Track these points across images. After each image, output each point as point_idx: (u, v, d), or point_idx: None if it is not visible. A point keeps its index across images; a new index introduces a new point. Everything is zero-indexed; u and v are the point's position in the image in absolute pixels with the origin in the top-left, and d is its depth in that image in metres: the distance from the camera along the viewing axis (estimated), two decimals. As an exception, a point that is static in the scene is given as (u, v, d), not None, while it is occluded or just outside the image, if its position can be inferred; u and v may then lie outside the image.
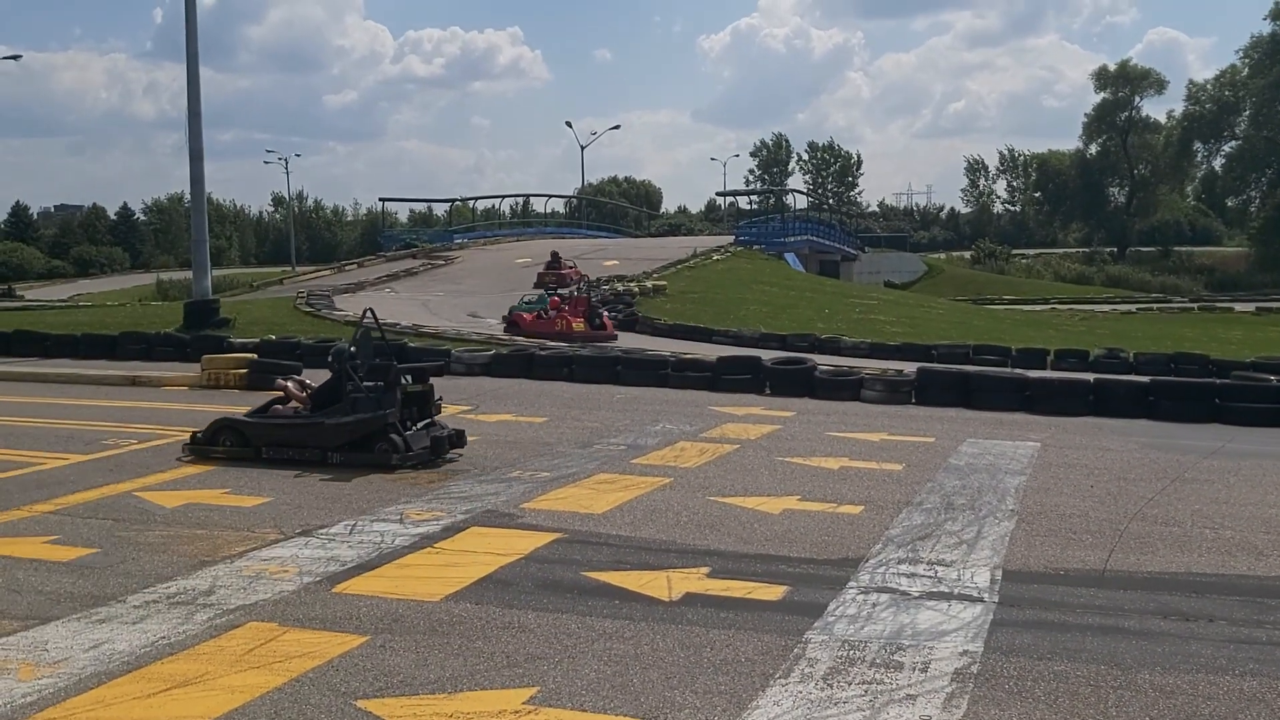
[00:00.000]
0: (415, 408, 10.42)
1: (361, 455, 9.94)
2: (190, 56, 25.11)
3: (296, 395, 10.66)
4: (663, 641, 5.39)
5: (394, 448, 9.88)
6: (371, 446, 9.94)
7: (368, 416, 9.96)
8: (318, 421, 10.19)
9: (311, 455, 10.04)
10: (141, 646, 5.28)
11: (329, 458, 10.00)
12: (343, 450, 10.01)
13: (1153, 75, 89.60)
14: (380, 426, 9.95)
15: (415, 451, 9.93)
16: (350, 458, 9.96)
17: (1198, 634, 5.59)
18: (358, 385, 10.03)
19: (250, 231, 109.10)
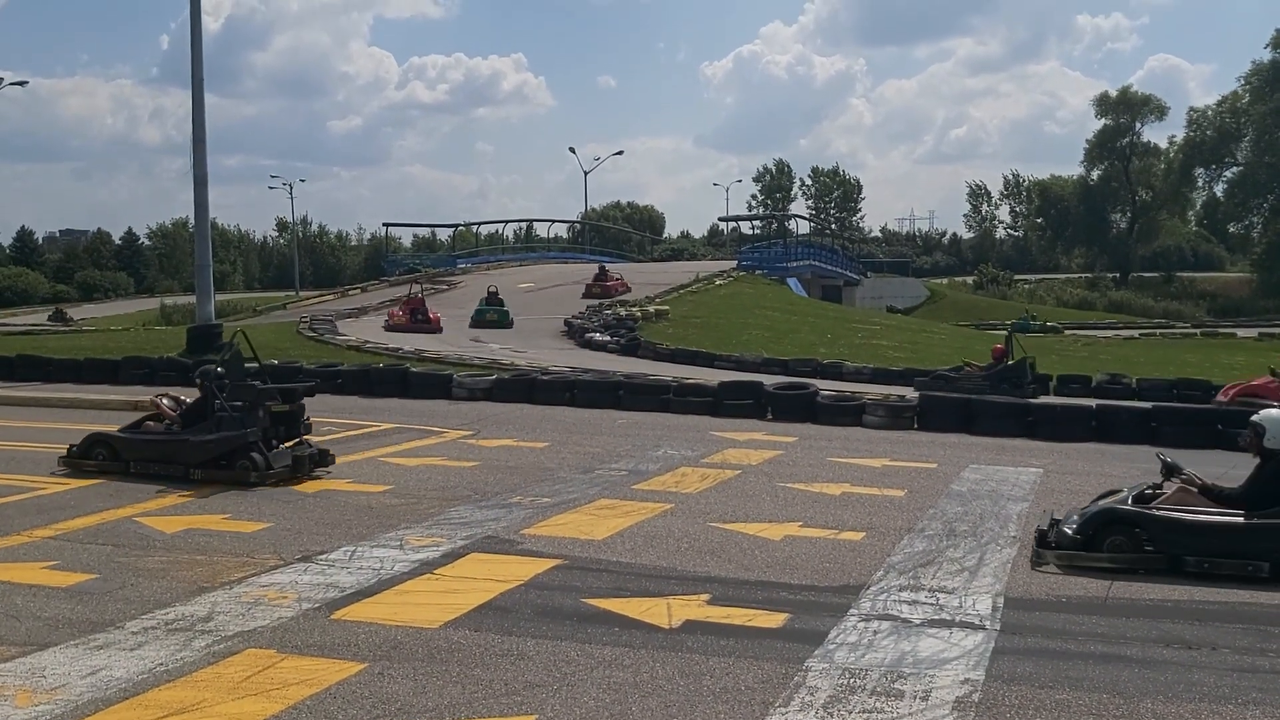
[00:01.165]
0: (283, 427, 10.77)
1: (223, 472, 10.24)
2: (196, 82, 25.24)
3: (168, 412, 10.93)
4: (662, 669, 5.36)
5: (254, 465, 10.18)
6: (234, 464, 10.23)
7: (230, 435, 10.25)
8: (183, 439, 10.50)
9: (176, 471, 10.32)
10: (139, 673, 5.26)
11: (191, 474, 10.29)
12: (206, 467, 10.29)
13: (1153, 101, 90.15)
14: (242, 445, 10.23)
15: (276, 470, 10.25)
16: (212, 474, 10.25)
17: (1201, 662, 5.56)
18: (223, 404, 10.34)
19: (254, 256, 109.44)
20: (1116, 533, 7.41)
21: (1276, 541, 7.14)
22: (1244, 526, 7.21)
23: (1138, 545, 7.35)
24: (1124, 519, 7.46)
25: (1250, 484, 7.52)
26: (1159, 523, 7.35)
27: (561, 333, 29.62)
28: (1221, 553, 7.20)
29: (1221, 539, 7.23)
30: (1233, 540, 7.19)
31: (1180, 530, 7.29)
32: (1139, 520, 7.41)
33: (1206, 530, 7.26)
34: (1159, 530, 7.31)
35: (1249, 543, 7.17)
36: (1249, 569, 7.11)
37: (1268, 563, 7.11)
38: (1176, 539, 7.27)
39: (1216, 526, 7.27)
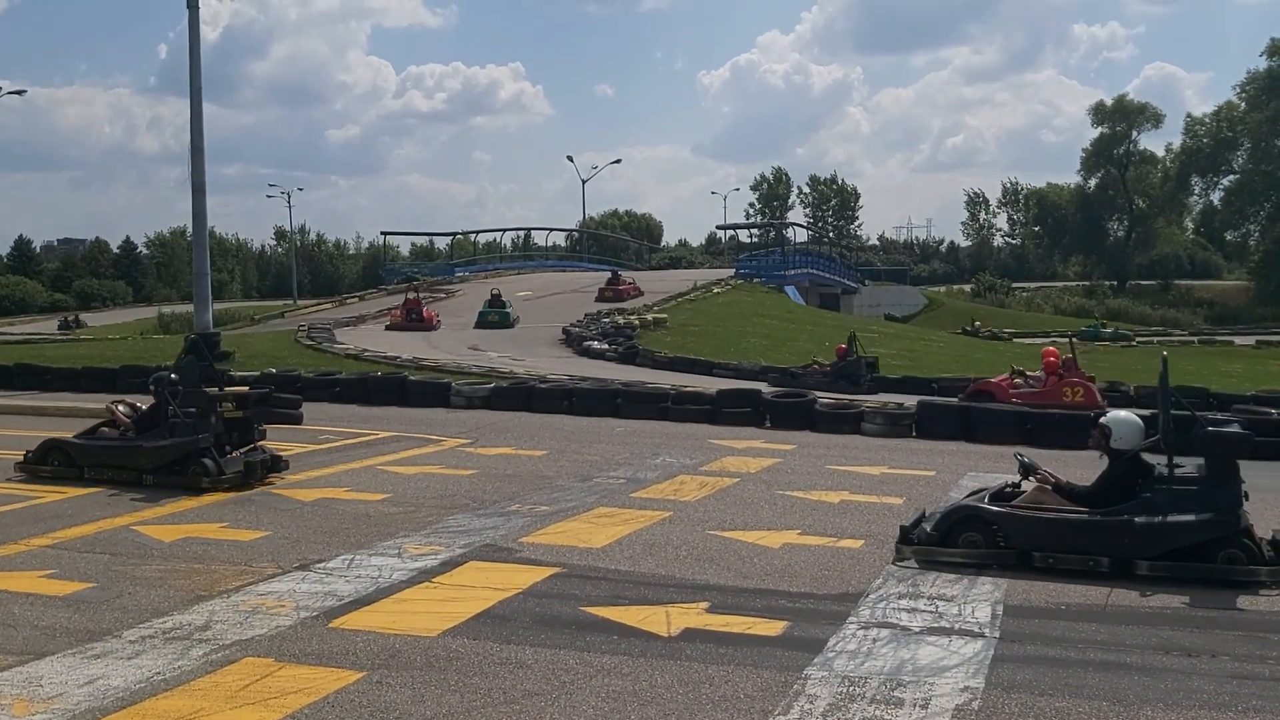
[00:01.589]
0: (236, 433, 10.89)
1: (175, 477, 10.41)
2: (194, 91, 25.29)
3: (122, 419, 11.09)
4: (661, 678, 5.35)
5: (205, 471, 10.34)
6: (186, 469, 10.39)
7: (182, 440, 10.42)
8: (136, 444, 10.67)
9: (129, 476, 10.50)
10: (136, 682, 5.25)
11: (143, 479, 10.46)
12: (158, 472, 10.46)
13: (1149, 110, 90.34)
14: (194, 450, 10.39)
15: (228, 475, 10.39)
16: (164, 479, 10.42)
17: (1200, 670, 5.55)
18: (176, 411, 10.50)
19: (252, 265, 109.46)
20: (972, 529, 7.67)
21: (1117, 537, 7.37)
22: (1086, 523, 7.48)
23: (993, 541, 7.61)
24: (978, 516, 7.72)
25: (1098, 483, 7.78)
26: (1010, 519, 7.63)
27: (559, 341, 29.65)
28: (1067, 548, 7.47)
29: (1067, 535, 7.50)
30: (1077, 536, 7.47)
31: (1030, 526, 7.57)
32: (992, 517, 7.67)
33: (1053, 526, 7.54)
34: (1011, 526, 7.59)
35: (1092, 539, 7.44)
36: (1090, 564, 7.39)
37: (1107, 558, 7.36)
38: (1026, 535, 7.55)
39: (1062, 523, 7.53)
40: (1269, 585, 7.11)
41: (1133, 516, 7.37)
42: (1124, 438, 7.67)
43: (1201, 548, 7.28)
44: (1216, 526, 7.27)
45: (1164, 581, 7.19)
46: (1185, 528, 7.27)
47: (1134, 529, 7.32)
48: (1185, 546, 7.29)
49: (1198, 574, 7.21)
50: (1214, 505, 7.30)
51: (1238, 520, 7.29)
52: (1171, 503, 7.36)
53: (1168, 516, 7.31)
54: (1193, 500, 7.35)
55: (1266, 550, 7.33)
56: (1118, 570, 7.33)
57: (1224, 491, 7.35)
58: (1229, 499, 7.33)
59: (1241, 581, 7.15)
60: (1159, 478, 7.47)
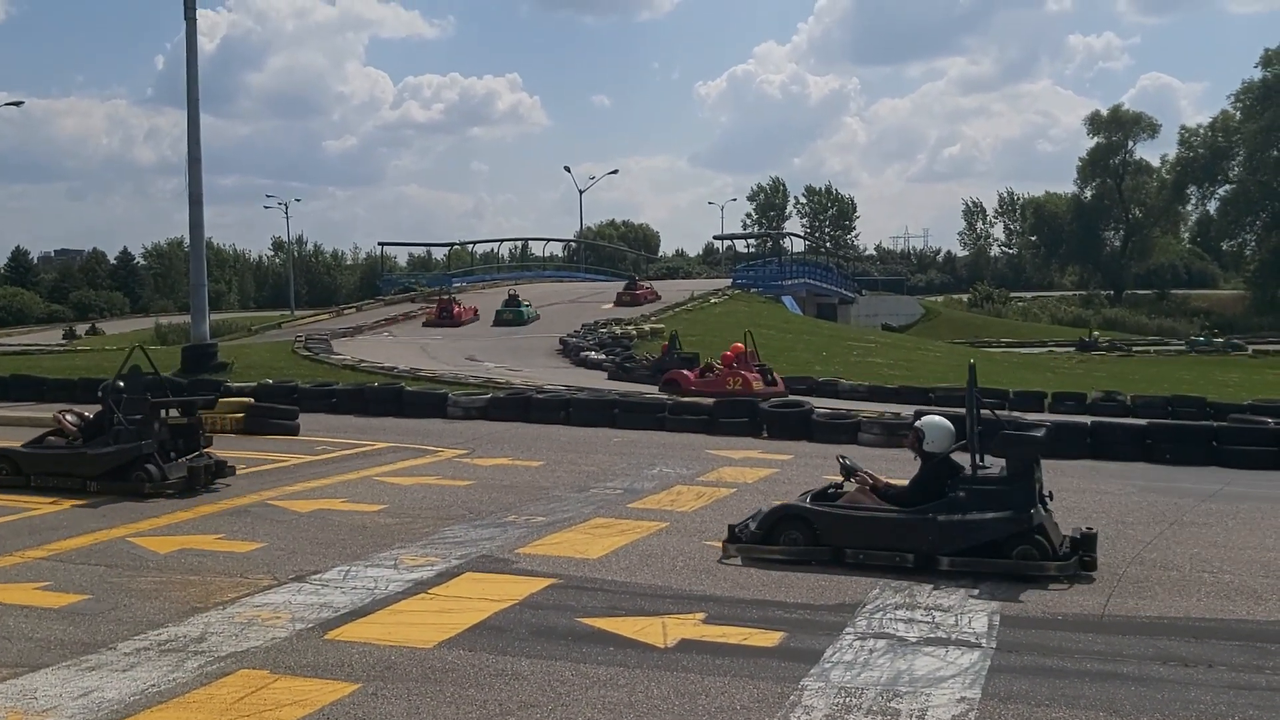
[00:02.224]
0: (182, 440, 11.08)
1: (119, 484, 10.55)
2: (191, 102, 25.33)
3: (69, 427, 11.24)
4: (658, 689, 5.34)
5: (148, 477, 10.53)
6: (129, 475, 10.56)
7: (126, 447, 10.59)
8: (81, 452, 10.83)
9: (75, 484, 10.64)
10: (131, 694, 5.23)
11: (88, 486, 10.60)
12: (103, 479, 10.61)
13: (1145, 120, 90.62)
14: (137, 456, 10.57)
15: (171, 480, 10.59)
16: (108, 486, 10.57)
17: (1197, 680, 5.54)
18: (120, 418, 10.66)
19: (250, 276, 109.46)
20: (791, 527, 8.06)
21: (921, 534, 7.71)
22: (894, 521, 7.85)
23: (812, 539, 7.99)
24: (798, 515, 8.13)
25: (911, 484, 8.11)
26: (827, 518, 8.04)
27: (557, 351, 29.62)
28: (877, 545, 7.84)
29: (878, 532, 7.88)
30: (886, 533, 7.85)
31: (844, 524, 7.97)
32: (809, 516, 8.07)
33: (865, 524, 7.93)
34: (826, 525, 7.99)
35: (899, 536, 7.79)
36: (897, 559, 7.74)
37: (913, 554, 7.71)
38: (841, 533, 7.95)
39: (874, 521, 7.93)
40: (1058, 579, 7.44)
41: (936, 515, 7.71)
42: (935, 441, 8.03)
43: (998, 544, 7.60)
44: (1012, 524, 7.57)
45: (962, 576, 7.53)
46: (983, 525, 7.60)
47: (937, 526, 7.67)
48: (984, 543, 7.62)
49: (994, 569, 7.55)
50: (1011, 504, 7.61)
51: (1031, 518, 7.56)
52: (973, 502, 7.68)
53: (968, 514, 7.65)
54: (992, 499, 7.67)
55: (1062, 548, 7.66)
56: (921, 565, 7.67)
57: (1020, 491, 7.64)
58: (1025, 498, 7.62)
59: (1033, 576, 7.46)
60: (964, 478, 7.82)
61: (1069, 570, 7.54)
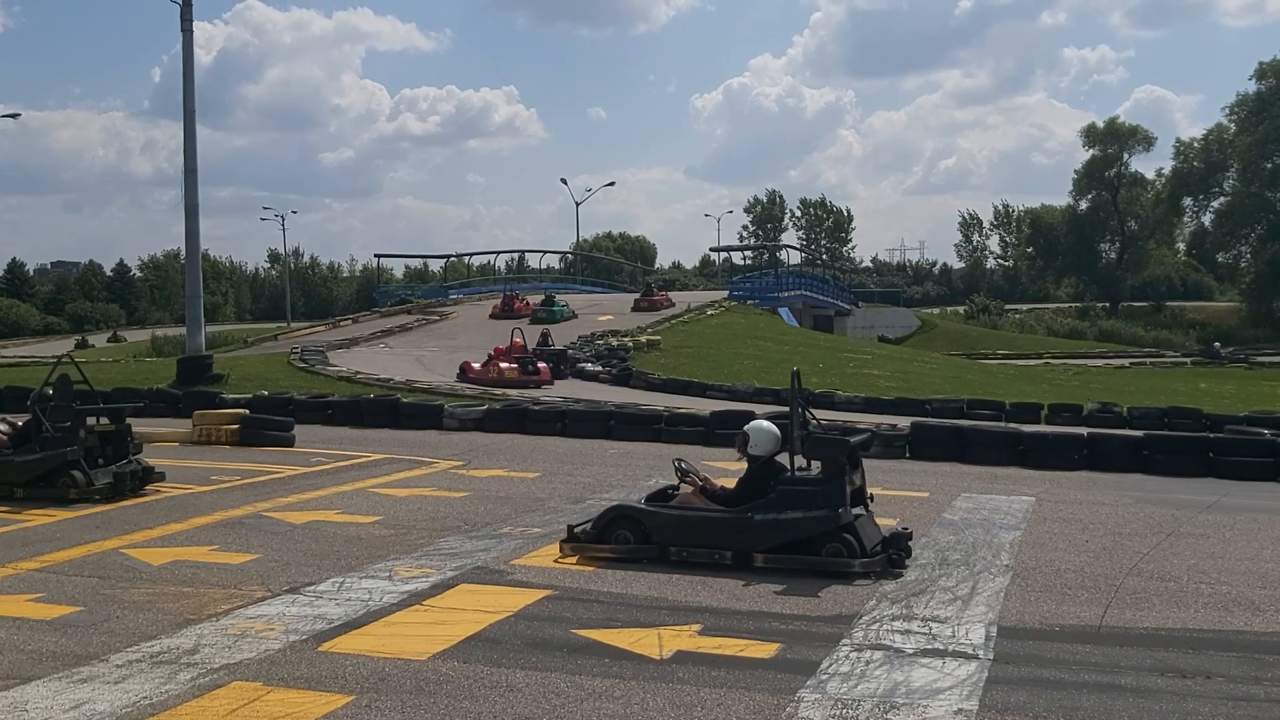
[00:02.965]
0: (110, 447, 11.32)
1: (46, 490, 10.77)
2: (187, 114, 25.37)
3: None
4: (653, 701, 5.31)
5: (73, 483, 10.76)
6: (55, 481, 10.77)
7: (51, 454, 10.81)
8: (8, 459, 11.00)
9: (3, 490, 10.85)
10: (123, 707, 5.19)
11: (15, 492, 10.82)
12: (29, 485, 10.83)
13: (1140, 132, 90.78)
14: (63, 463, 10.78)
15: (97, 486, 10.80)
16: (34, 492, 10.79)
17: (1195, 691, 5.52)
18: (48, 426, 10.85)
19: (246, 288, 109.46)
20: (623, 527, 8.39)
21: (739, 533, 8.09)
22: (716, 520, 8.24)
23: (642, 537, 8.32)
24: (629, 515, 8.48)
25: (737, 485, 8.50)
26: (655, 518, 8.38)
27: (553, 363, 29.56)
28: (700, 543, 8.21)
29: (701, 531, 8.26)
30: (709, 532, 8.22)
31: (671, 524, 8.32)
32: (640, 516, 8.42)
33: (691, 524, 8.30)
34: (655, 524, 8.34)
35: (720, 534, 8.18)
36: (715, 556, 8.11)
37: (730, 550, 8.10)
38: (667, 532, 8.30)
39: (698, 520, 8.29)
40: (862, 576, 7.78)
41: (753, 514, 8.09)
42: (759, 444, 8.42)
43: (811, 541, 7.99)
44: (822, 522, 7.95)
45: (777, 572, 7.87)
46: (795, 524, 8.00)
47: (753, 525, 8.06)
48: (797, 540, 8.01)
49: (804, 565, 7.94)
50: (823, 504, 7.98)
51: (840, 517, 7.94)
52: (789, 502, 8.05)
53: (783, 514, 8.03)
54: (807, 499, 8.03)
55: (875, 546, 8.04)
56: (738, 562, 8.04)
57: (832, 492, 7.99)
58: (836, 498, 7.97)
59: (840, 572, 7.83)
60: (783, 479, 8.20)
61: (873, 567, 7.89)
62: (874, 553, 7.98)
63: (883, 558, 8.02)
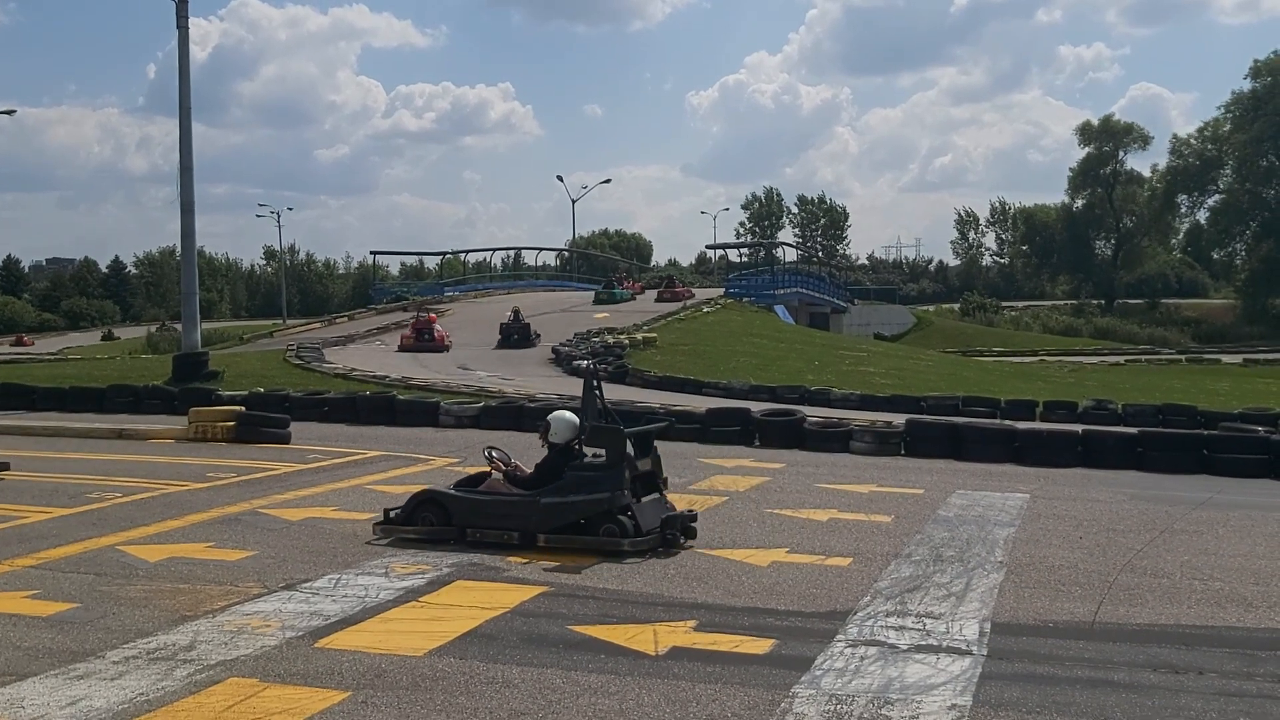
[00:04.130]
0: None
1: None
2: (183, 111, 25.32)
3: None
4: (648, 696, 5.33)
5: None
6: None
7: None
8: None
9: None
10: (119, 703, 5.20)
11: None
12: None
13: (1136, 130, 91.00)
14: None
15: None
16: None
17: (1188, 687, 5.54)
18: None
19: (241, 285, 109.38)
20: (429, 510, 8.95)
21: (527, 514, 8.67)
22: (509, 503, 8.81)
23: (445, 520, 8.85)
24: (434, 499, 9.02)
25: (535, 470, 9.04)
26: (457, 501, 8.94)
27: (549, 360, 29.61)
28: (493, 525, 8.72)
29: (496, 514, 8.80)
30: (503, 515, 8.77)
31: (470, 507, 8.88)
32: (443, 499, 8.98)
33: (487, 507, 8.85)
34: (456, 508, 8.89)
35: (510, 516, 8.73)
36: (504, 537, 8.63)
37: (518, 531, 8.64)
38: (466, 514, 8.85)
39: (494, 504, 8.84)
40: (631, 555, 8.30)
41: (540, 498, 8.68)
42: (558, 432, 8.96)
43: (590, 522, 8.52)
44: (599, 504, 8.49)
45: (558, 551, 8.41)
46: (576, 506, 8.57)
47: (540, 508, 8.63)
48: (578, 521, 8.55)
49: (581, 545, 8.46)
50: (603, 488, 8.53)
51: (615, 500, 8.47)
52: (574, 486, 8.63)
53: (567, 497, 8.61)
54: (589, 484, 8.59)
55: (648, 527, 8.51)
56: (525, 542, 8.57)
57: (613, 476, 8.55)
58: (616, 482, 8.52)
59: (611, 551, 8.33)
60: (573, 465, 8.76)
61: (641, 546, 8.40)
62: (649, 533, 8.50)
63: (656, 538, 8.52)
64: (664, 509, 8.84)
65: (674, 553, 8.52)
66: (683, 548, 8.62)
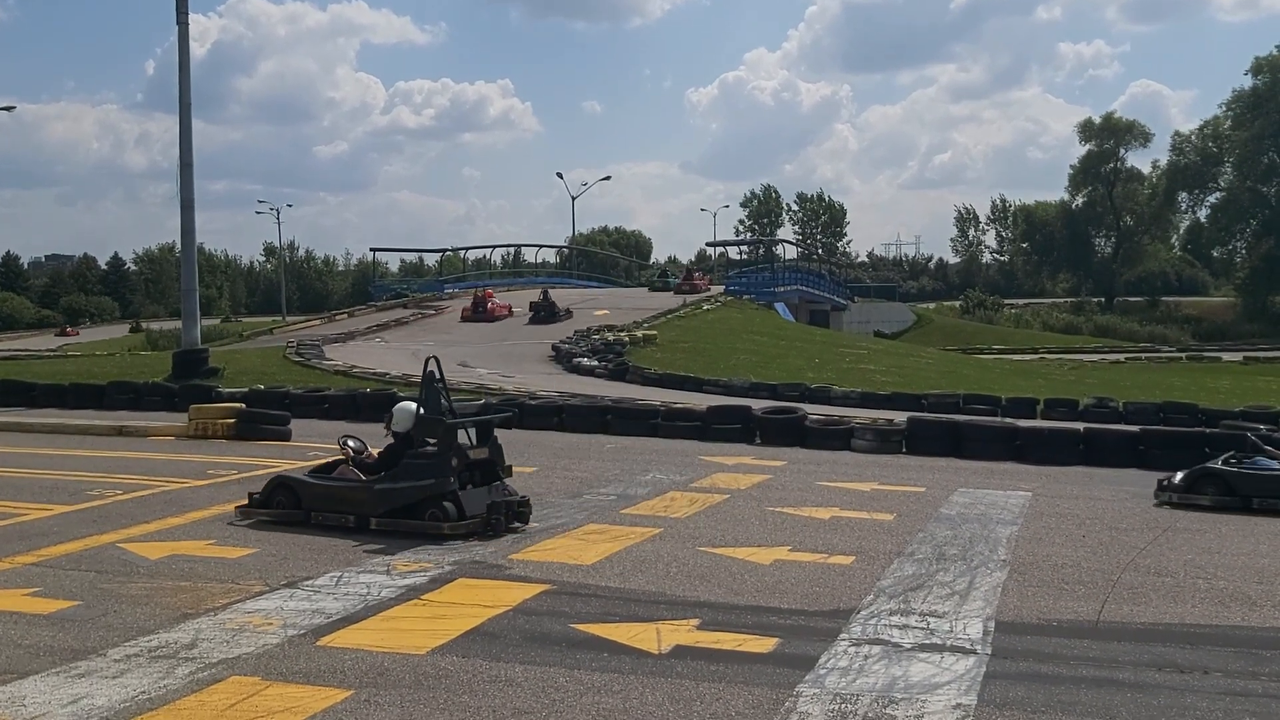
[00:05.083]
0: None
1: None
2: (183, 107, 25.27)
3: None
4: (652, 695, 5.31)
5: None
6: None
7: None
8: None
9: None
10: (121, 701, 5.18)
11: None
12: None
13: (1137, 127, 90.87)
14: None
15: None
16: None
17: (1193, 686, 5.53)
18: None
19: (241, 281, 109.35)
20: (282, 494, 9.63)
21: (362, 499, 9.25)
22: (348, 488, 9.42)
23: (296, 503, 9.52)
24: (287, 483, 9.73)
25: (378, 457, 9.62)
26: (305, 487, 9.60)
27: (549, 358, 29.59)
28: (334, 508, 9.33)
29: (336, 498, 9.42)
30: (341, 500, 9.38)
31: (315, 492, 9.52)
32: (294, 484, 9.66)
33: (329, 491, 9.49)
34: (305, 493, 9.53)
35: (349, 501, 9.34)
36: (343, 520, 9.21)
37: (353, 515, 9.22)
38: (313, 498, 9.47)
39: (335, 488, 9.49)
40: (451, 538, 8.79)
41: (375, 484, 9.26)
42: (399, 422, 9.49)
43: (417, 506, 9.03)
44: (426, 490, 9.03)
45: (389, 534, 8.85)
46: (405, 491, 9.10)
47: (374, 493, 9.20)
48: (407, 505, 9.06)
49: (407, 528, 8.95)
50: (431, 475, 9.05)
51: (440, 486, 8.98)
52: (407, 473, 9.16)
53: (398, 483, 9.14)
54: (419, 471, 9.12)
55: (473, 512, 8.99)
56: (359, 525, 9.10)
57: (441, 464, 9.06)
58: (442, 470, 9.04)
59: (434, 534, 8.85)
60: (410, 453, 9.27)
61: (460, 530, 8.88)
62: (473, 518, 8.98)
63: (478, 522, 8.99)
64: (497, 495, 9.28)
65: (676, 552, 8.51)
66: (511, 531, 9.12)
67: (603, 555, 8.32)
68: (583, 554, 8.35)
